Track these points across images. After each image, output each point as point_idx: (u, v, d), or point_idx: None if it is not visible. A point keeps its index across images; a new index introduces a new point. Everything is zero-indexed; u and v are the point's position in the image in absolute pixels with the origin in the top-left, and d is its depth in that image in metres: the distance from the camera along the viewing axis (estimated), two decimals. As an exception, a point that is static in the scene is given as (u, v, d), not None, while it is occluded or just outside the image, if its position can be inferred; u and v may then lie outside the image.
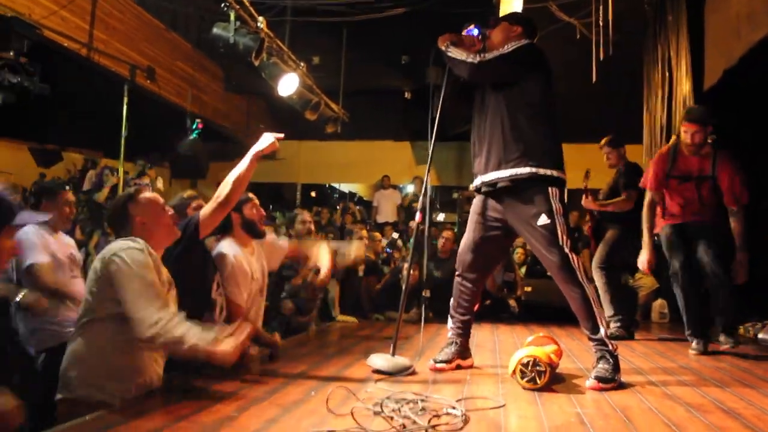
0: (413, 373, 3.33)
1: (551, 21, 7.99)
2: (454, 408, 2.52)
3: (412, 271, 6.22)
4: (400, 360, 3.36)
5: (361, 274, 6.29)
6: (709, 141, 4.71)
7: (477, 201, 3.60)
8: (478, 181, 3.52)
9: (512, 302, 6.86)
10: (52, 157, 11.64)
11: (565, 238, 3.23)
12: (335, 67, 9.64)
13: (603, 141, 5.78)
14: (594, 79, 7.14)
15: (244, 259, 3.76)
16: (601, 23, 6.80)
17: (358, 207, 12.48)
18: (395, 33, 9.47)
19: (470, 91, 3.61)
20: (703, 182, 4.60)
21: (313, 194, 14.17)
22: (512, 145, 3.32)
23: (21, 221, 2.18)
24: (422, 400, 2.59)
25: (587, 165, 5.94)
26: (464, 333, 3.71)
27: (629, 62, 8.31)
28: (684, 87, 7.03)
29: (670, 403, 2.85)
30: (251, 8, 6.16)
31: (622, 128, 6.42)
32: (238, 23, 5.96)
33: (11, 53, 6.14)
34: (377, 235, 7.84)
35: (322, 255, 4.30)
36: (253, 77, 7.37)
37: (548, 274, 6.76)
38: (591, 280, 6.33)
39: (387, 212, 11.59)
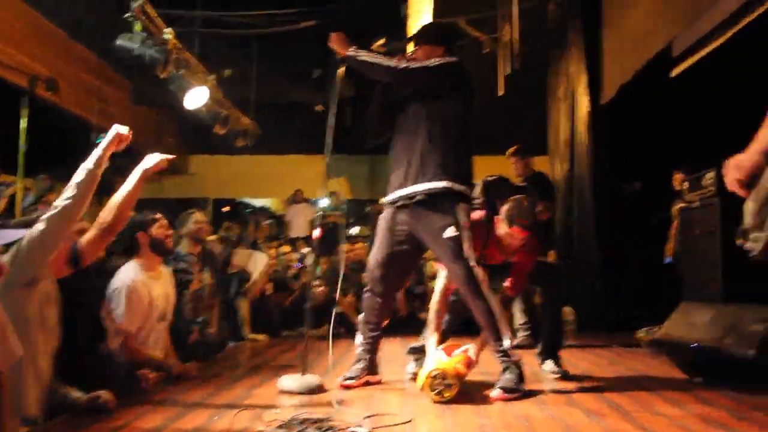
0: (323, 391, 3.32)
1: (460, 36, 8.16)
2: (360, 426, 2.52)
3: (322, 288, 6.23)
4: (310, 378, 3.34)
5: (269, 291, 6.22)
6: None
7: (386, 215, 3.62)
8: (394, 195, 3.53)
9: (423, 315, 6.91)
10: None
11: (470, 251, 3.30)
12: (246, 80, 9.52)
13: (510, 151, 5.90)
14: (500, 92, 7.33)
15: (143, 284, 3.66)
16: (507, 38, 7.00)
17: (268, 222, 12.30)
18: (307, 46, 9.44)
19: (392, 108, 3.63)
20: None
21: (225, 209, 13.92)
22: (430, 159, 3.38)
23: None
24: (329, 420, 2.58)
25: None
26: (372, 349, 3.72)
27: (534, 76, 8.58)
28: (584, 101, 7.33)
29: (570, 409, 2.94)
30: (158, 19, 6.02)
31: (527, 140, 6.60)
32: (144, 34, 5.81)
33: None
34: (286, 248, 7.77)
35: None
36: (162, 90, 7.19)
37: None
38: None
39: (300, 227, 11.48)
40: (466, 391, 3.40)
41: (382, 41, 4.27)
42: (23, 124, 7.80)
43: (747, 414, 2.82)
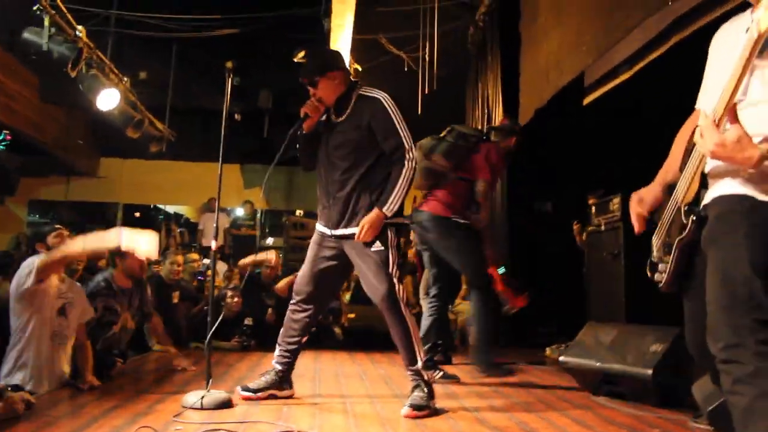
0: (230, 406, 3.23)
1: (381, 53, 8.24)
2: (267, 442, 2.47)
3: (236, 299, 6.10)
4: (216, 394, 3.24)
5: (176, 300, 6.03)
6: None
7: (317, 234, 3.62)
8: (326, 231, 3.52)
9: (337, 330, 6.88)
10: None
11: (394, 269, 3.32)
12: (162, 84, 9.29)
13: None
14: (419, 111, 7.42)
15: None
16: (427, 58, 7.10)
17: (181, 230, 12.02)
18: (227, 54, 9.28)
19: (314, 145, 3.58)
20: None
21: (137, 215, 13.49)
22: (361, 196, 3.38)
23: None
24: (235, 436, 2.51)
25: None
26: (288, 363, 3.67)
27: (453, 97, 8.74)
28: (499, 123, 7.50)
29: (479, 427, 2.97)
30: (69, 15, 5.79)
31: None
32: (53, 30, 5.56)
33: None
34: (194, 255, 7.58)
35: None
36: (73, 88, 6.91)
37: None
38: (413, 307, 6.53)
39: (211, 235, 11.22)
40: (377, 408, 3.39)
41: (302, 54, 4.23)
42: None
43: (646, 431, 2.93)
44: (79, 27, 5.76)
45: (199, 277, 6.84)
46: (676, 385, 3.37)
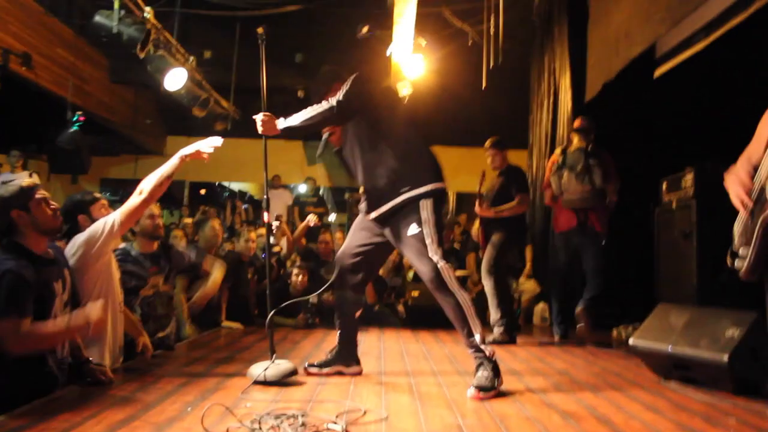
0: (295, 374, 3.27)
1: (445, 26, 8.12)
2: (334, 423, 2.48)
3: (301, 277, 6.17)
4: (282, 364, 3.28)
5: (250, 276, 6.12)
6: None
7: (361, 214, 3.69)
8: (365, 210, 3.60)
9: (400, 308, 6.89)
10: None
11: (435, 247, 3.29)
12: (227, 63, 9.38)
13: (488, 143, 5.88)
14: (484, 85, 7.30)
15: None
16: (492, 31, 6.96)
17: (246, 206, 12.17)
18: (290, 31, 9.33)
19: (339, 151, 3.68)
20: None
21: (202, 192, 13.77)
22: (383, 180, 3.42)
23: None
24: (302, 416, 2.53)
25: (478, 168, 6.05)
26: (347, 339, 3.72)
27: (518, 70, 8.57)
28: (567, 98, 7.32)
29: (547, 410, 2.92)
30: (138, -3, 5.89)
31: (508, 134, 6.60)
32: (122, 12, 5.67)
33: None
34: (263, 231, 7.68)
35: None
36: (141, 69, 7.05)
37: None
38: (476, 284, 6.50)
39: (277, 212, 11.39)
40: (442, 388, 3.38)
41: (365, 29, 4.26)
42: (-4, 99, 7.63)
43: (721, 420, 2.82)
44: (147, 8, 5.86)
45: (263, 255, 6.93)
46: (753, 373, 3.24)
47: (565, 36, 7.49)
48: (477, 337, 3.28)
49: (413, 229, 3.31)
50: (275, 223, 3.54)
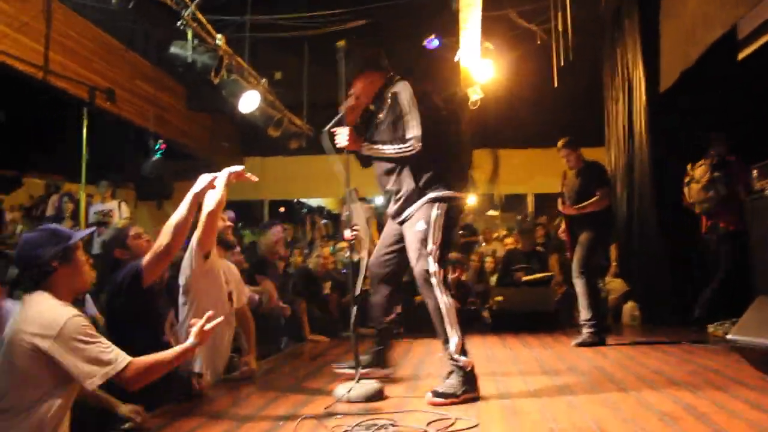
0: (380, 398, 3.26)
1: (511, 28, 8.04)
2: (425, 432, 2.47)
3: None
4: (368, 385, 3.28)
5: (327, 291, 6.20)
6: None
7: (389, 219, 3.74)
8: (389, 212, 3.66)
9: (485, 313, 6.82)
10: (12, 183, 11.39)
11: (434, 248, 3.31)
12: (297, 82, 9.55)
13: (560, 143, 5.77)
14: (555, 84, 7.17)
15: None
16: (560, 28, 6.84)
17: (324, 221, 12.32)
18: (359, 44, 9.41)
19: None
20: None
21: (281, 210, 14.03)
22: (402, 185, 3.46)
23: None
24: (392, 425, 2.53)
25: (554, 168, 5.94)
26: (380, 342, 3.80)
27: (589, 66, 8.38)
28: (641, 90, 7.11)
29: (644, 412, 2.83)
30: (209, 25, 6.07)
31: (584, 132, 6.45)
32: (195, 41, 5.86)
33: (-36, 80, 5.99)
34: (344, 245, 7.76)
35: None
36: (216, 95, 7.26)
37: (522, 280, 6.75)
38: (560, 286, 6.38)
39: (359, 224, 11.45)
40: (532, 393, 3.32)
41: (431, 38, 4.30)
42: (84, 134, 8.00)
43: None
44: (218, 36, 6.02)
45: (343, 270, 6.98)
46: None
47: (636, 27, 7.28)
48: (452, 346, 3.24)
49: (420, 225, 3.35)
50: (347, 234, 3.60)
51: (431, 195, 3.38)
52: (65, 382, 2.30)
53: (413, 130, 3.36)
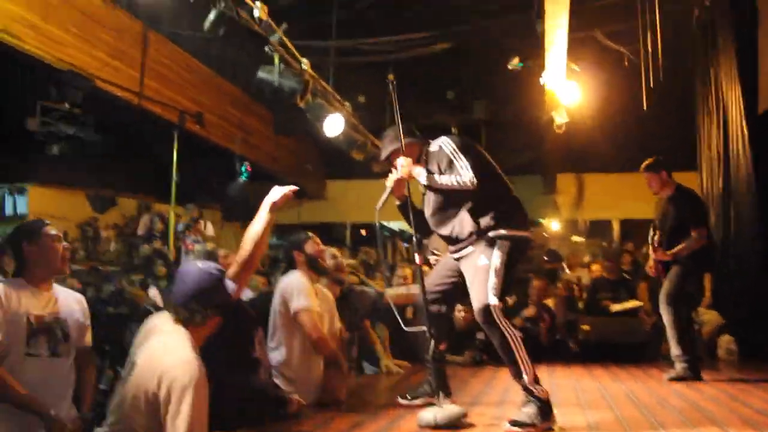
0: (465, 417, 3.18)
1: (598, 49, 7.86)
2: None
3: (464, 313, 6.09)
4: (451, 409, 3.20)
5: (409, 315, 6.13)
6: None
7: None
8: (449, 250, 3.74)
9: (572, 343, 6.60)
10: (107, 202, 11.92)
11: (496, 283, 3.31)
12: (380, 106, 9.62)
13: (642, 166, 5.40)
14: (645, 106, 6.92)
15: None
16: (650, 49, 6.63)
17: (406, 245, 12.31)
18: (440, 68, 9.45)
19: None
20: None
21: (363, 233, 14.11)
22: (466, 223, 3.50)
23: None
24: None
25: (642, 194, 5.67)
26: (434, 371, 3.65)
27: (680, 87, 8.09)
28: (737, 111, 6.80)
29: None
30: (294, 51, 6.20)
31: (674, 155, 6.18)
32: (282, 66, 5.98)
33: (66, 105, 6.29)
34: (425, 269, 7.71)
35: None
36: (300, 119, 7.39)
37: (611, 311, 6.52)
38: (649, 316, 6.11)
39: (439, 248, 11.41)
40: (623, 427, 3.16)
41: (516, 60, 4.44)
42: (174, 156, 8.29)
43: None
44: (304, 60, 6.12)
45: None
46: None
47: (731, 44, 6.99)
48: (525, 378, 3.22)
49: (483, 260, 3.38)
50: (433, 258, 3.62)
51: (492, 233, 3.42)
52: None
53: (465, 171, 3.41)
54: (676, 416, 3.50)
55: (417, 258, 3.64)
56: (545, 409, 3.18)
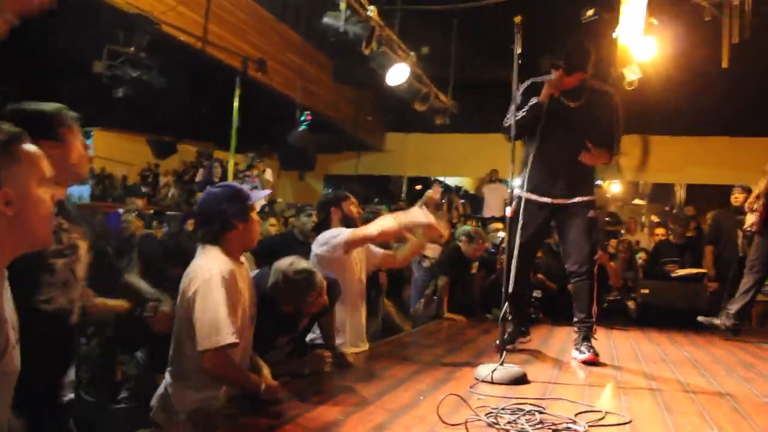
0: (525, 381, 3.12)
1: (679, 1, 7.48)
2: (574, 422, 2.32)
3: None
4: (511, 369, 3.14)
5: (474, 271, 6.09)
6: None
7: (531, 207, 3.91)
8: (546, 200, 3.96)
9: (631, 304, 6.46)
10: (168, 148, 12.12)
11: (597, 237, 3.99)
12: (445, 57, 9.43)
13: None
14: (725, 64, 6.57)
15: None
16: (734, 2, 6.25)
17: (462, 201, 12.20)
18: (506, 22, 9.16)
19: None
20: None
21: (418, 188, 14.05)
22: (581, 173, 3.97)
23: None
24: (540, 412, 2.40)
25: (709, 158, 5.38)
26: (516, 314, 4.05)
27: (765, 47, 7.64)
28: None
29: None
30: (362, -4, 6.08)
31: (754, 121, 5.88)
32: (348, 12, 5.88)
33: (132, 49, 6.34)
34: (498, 225, 7.66)
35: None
36: (362, 68, 7.30)
37: (673, 275, 6.34)
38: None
39: (495, 207, 11.30)
40: (687, 392, 3.07)
41: (591, 11, 4.76)
42: (236, 103, 8.34)
43: None
44: (371, 7, 6.01)
45: (492, 250, 6.82)
46: None
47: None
48: (593, 317, 3.86)
49: (592, 212, 3.91)
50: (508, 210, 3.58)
51: (594, 191, 4.00)
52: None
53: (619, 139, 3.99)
54: (744, 386, 3.36)
55: (508, 210, 3.60)
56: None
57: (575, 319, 3.95)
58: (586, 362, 3.71)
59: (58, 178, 1.61)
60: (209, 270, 2.42)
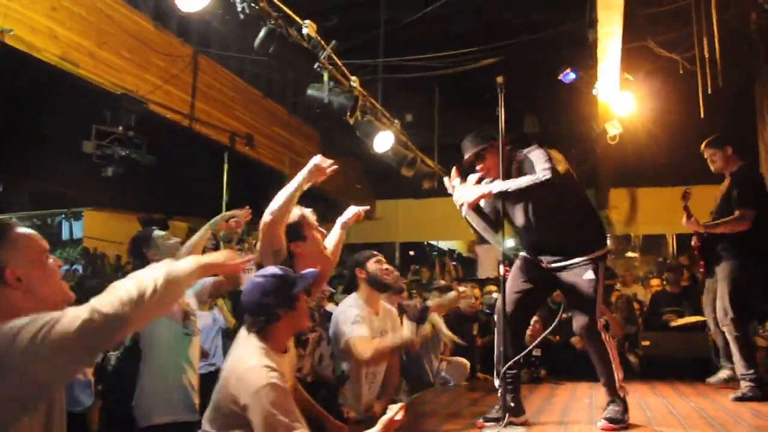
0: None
1: (652, 58, 7.69)
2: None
3: (537, 326, 5.93)
4: (514, 430, 3.08)
5: (475, 332, 6.06)
6: None
7: (523, 264, 3.73)
8: (546, 259, 3.63)
9: (632, 358, 6.38)
10: (159, 225, 12.09)
11: (599, 301, 3.48)
12: (428, 123, 9.58)
13: (703, 145, 4.99)
14: (702, 114, 6.70)
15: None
16: (705, 55, 6.43)
17: (455, 263, 12.20)
18: (488, 84, 9.35)
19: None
20: None
21: (411, 253, 14.05)
22: (571, 238, 3.54)
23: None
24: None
25: (696, 207, 5.30)
26: (512, 388, 3.58)
27: (738, 94, 7.83)
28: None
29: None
30: (344, 68, 6.21)
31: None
32: (331, 83, 5.99)
33: (120, 128, 6.43)
34: (492, 288, 7.64)
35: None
36: (348, 138, 7.40)
37: (672, 324, 6.29)
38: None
39: (489, 267, 11.30)
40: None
41: (567, 71, 4.53)
42: (225, 178, 8.39)
43: None
44: (353, 77, 6.13)
45: (487, 311, 6.80)
46: None
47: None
48: (617, 382, 3.46)
49: (590, 275, 3.44)
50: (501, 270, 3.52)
51: (596, 254, 3.48)
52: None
53: (545, 163, 3.33)
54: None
55: (501, 268, 3.54)
56: (626, 406, 3.46)
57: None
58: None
59: None
60: (256, 381, 2.30)
